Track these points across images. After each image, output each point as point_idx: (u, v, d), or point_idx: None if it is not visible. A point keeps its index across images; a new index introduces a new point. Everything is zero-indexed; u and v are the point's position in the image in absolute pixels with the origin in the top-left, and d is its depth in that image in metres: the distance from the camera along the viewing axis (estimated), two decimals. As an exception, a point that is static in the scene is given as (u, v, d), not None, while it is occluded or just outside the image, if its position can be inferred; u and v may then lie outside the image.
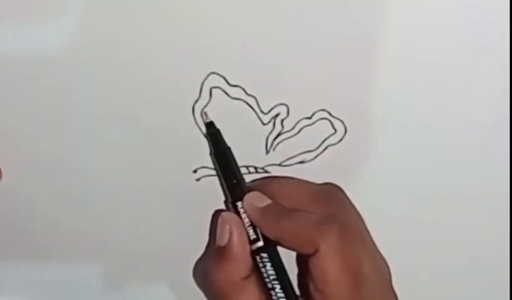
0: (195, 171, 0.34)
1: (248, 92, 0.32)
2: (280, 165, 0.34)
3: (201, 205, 0.35)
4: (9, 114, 0.32)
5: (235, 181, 0.31)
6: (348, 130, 0.33)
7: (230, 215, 0.30)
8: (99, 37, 0.30)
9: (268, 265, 0.29)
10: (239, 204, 0.30)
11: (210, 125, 0.32)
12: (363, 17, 0.29)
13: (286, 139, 0.33)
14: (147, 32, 0.30)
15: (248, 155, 0.33)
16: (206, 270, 0.29)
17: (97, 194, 0.35)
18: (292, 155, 0.34)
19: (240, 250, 0.29)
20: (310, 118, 0.32)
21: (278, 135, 0.33)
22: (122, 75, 0.31)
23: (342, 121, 0.32)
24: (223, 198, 0.35)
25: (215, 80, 0.31)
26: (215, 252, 0.30)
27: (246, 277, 0.29)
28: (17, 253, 0.37)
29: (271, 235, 0.29)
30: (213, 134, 0.32)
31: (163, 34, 0.30)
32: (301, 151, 0.33)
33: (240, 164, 0.34)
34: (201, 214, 0.35)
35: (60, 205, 0.35)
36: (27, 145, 0.33)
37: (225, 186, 0.32)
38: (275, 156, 0.34)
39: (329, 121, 0.32)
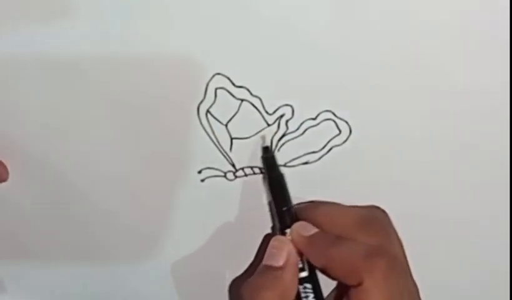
0: (199, 172, 0.34)
1: (253, 93, 0.32)
2: (284, 166, 0.34)
3: (206, 205, 0.35)
4: (10, 114, 0.32)
5: (285, 208, 0.32)
6: (352, 131, 0.33)
7: (287, 239, 0.30)
8: (103, 38, 0.30)
9: (311, 296, 0.30)
10: (288, 231, 0.31)
11: (266, 150, 0.33)
12: (367, 18, 0.30)
13: (290, 139, 0.33)
14: (151, 33, 0.30)
15: (253, 155, 0.33)
16: (257, 288, 0.29)
17: (100, 195, 0.34)
18: (297, 156, 0.34)
19: (294, 273, 0.30)
20: (314, 119, 0.32)
21: (283, 136, 0.33)
22: (126, 75, 0.31)
23: (347, 122, 0.32)
24: (227, 199, 0.35)
25: (220, 81, 0.31)
26: (267, 272, 0.30)
27: None
28: (19, 253, 0.37)
29: (317, 264, 0.30)
30: (268, 159, 0.32)
31: (168, 35, 0.30)
32: (305, 152, 0.33)
33: (245, 164, 0.34)
34: (206, 214, 0.35)
35: (63, 206, 0.35)
36: (30, 146, 0.33)
37: (274, 212, 0.32)
38: (280, 157, 0.34)
39: (334, 122, 0.32)
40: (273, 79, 0.31)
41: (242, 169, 0.34)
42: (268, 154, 0.33)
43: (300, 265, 0.30)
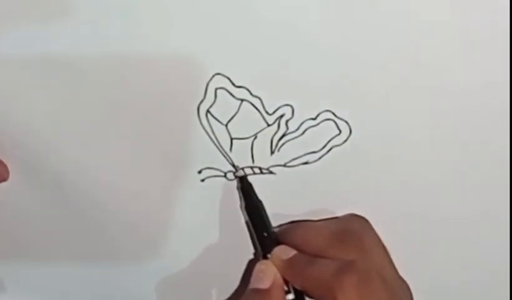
0: (199, 172, 0.34)
1: (253, 93, 0.31)
2: (284, 166, 0.34)
3: (206, 205, 0.35)
4: (11, 114, 0.32)
5: (265, 234, 0.32)
6: (352, 131, 0.33)
7: (271, 263, 0.31)
8: (103, 38, 0.30)
9: None
10: (269, 256, 0.32)
11: (242, 180, 0.33)
12: (367, 18, 0.30)
13: (290, 139, 0.33)
14: (151, 33, 0.30)
15: (252, 155, 0.33)
16: None
17: (100, 195, 0.34)
18: (297, 156, 0.34)
19: (280, 295, 0.30)
20: (314, 119, 0.32)
21: (283, 136, 0.33)
22: (126, 75, 0.31)
23: (347, 122, 0.32)
24: (227, 199, 0.35)
25: (220, 81, 0.31)
26: (255, 295, 0.30)
27: None
28: (19, 253, 0.37)
29: (297, 286, 0.30)
30: (244, 188, 0.33)
31: (168, 35, 0.30)
32: (305, 152, 0.33)
33: (244, 164, 0.34)
34: (206, 214, 0.35)
35: (63, 206, 0.35)
36: (30, 146, 0.33)
37: (255, 239, 0.33)
38: (280, 157, 0.34)
39: (334, 122, 0.32)
40: (273, 79, 0.31)
41: (242, 168, 0.34)
42: (243, 183, 0.33)
43: (286, 289, 0.31)
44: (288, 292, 0.31)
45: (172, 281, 0.38)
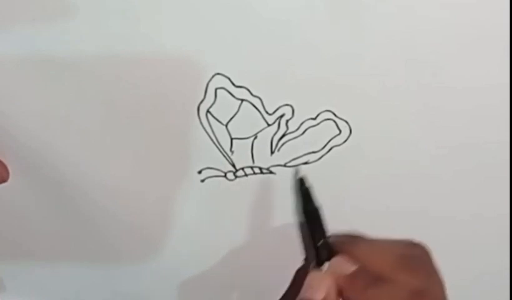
0: (200, 172, 0.34)
1: (253, 93, 0.32)
2: (284, 166, 0.34)
3: (206, 206, 0.35)
4: (11, 114, 0.32)
5: (321, 242, 0.31)
6: (352, 131, 0.33)
7: (325, 274, 0.30)
8: (103, 38, 0.30)
9: None
10: (326, 264, 0.31)
11: (302, 182, 0.32)
12: (367, 18, 0.30)
13: (291, 139, 0.33)
14: (151, 33, 0.30)
15: (253, 155, 0.33)
16: None
17: (100, 195, 0.34)
18: (297, 155, 0.34)
19: None
20: (314, 119, 0.32)
21: (283, 136, 0.33)
22: (126, 75, 0.31)
23: (347, 122, 0.32)
24: (227, 199, 0.35)
25: (220, 81, 0.31)
26: None
27: None
28: (19, 253, 0.37)
29: None
30: (305, 190, 0.32)
31: (168, 35, 0.30)
32: (305, 152, 0.33)
33: (245, 164, 0.34)
34: (207, 214, 0.35)
35: (63, 206, 0.35)
36: (31, 146, 0.33)
37: (310, 245, 0.31)
38: (280, 157, 0.34)
39: (334, 122, 0.32)
40: (273, 79, 0.31)
41: (242, 169, 0.34)
42: (303, 186, 0.32)
43: None
44: None
45: (171, 281, 0.38)
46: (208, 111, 0.32)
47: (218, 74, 0.31)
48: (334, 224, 0.32)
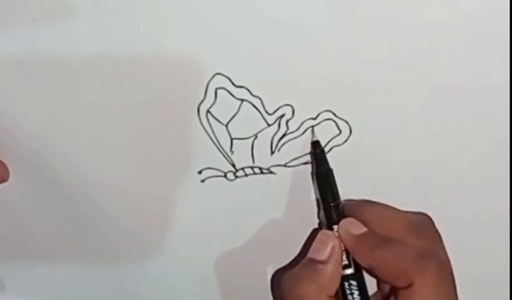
0: (200, 172, 0.34)
1: (253, 93, 0.31)
2: (285, 166, 0.34)
3: (206, 206, 0.35)
4: (11, 114, 0.32)
5: (332, 204, 0.32)
6: (353, 131, 0.33)
7: (333, 234, 0.31)
8: (102, 38, 0.30)
9: (356, 293, 0.30)
10: (335, 227, 0.31)
11: (316, 145, 0.32)
12: (367, 18, 0.30)
13: (291, 139, 0.33)
14: (151, 33, 0.30)
15: (253, 155, 0.33)
16: (297, 279, 0.30)
17: (100, 195, 0.34)
18: (297, 156, 0.34)
19: (336, 268, 0.30)
20: (315, 119, 0.32)
21: (283, 136, 0.33)
22: (126, 75, 0.31)
23: (347, 122, 0.32)
24: (227, 199, 0.35)
25: (220, 81, 0.31)
26: (309, 265, 0.30)
27: (330, 298, 0.30)
28: (19, 253, 0.37)
29: (364, 264, 0.30)
30: (317, 154, 0.32)
31: (168, 35, 0.30)
32: (306, 152, 0.33)
33: (245, 164, 0.34)
34: (207, 214, 0.35)
35: (63, 206, 0.35)
36: (31, 146, 0.33)
37: (321, 207, 0.32)
38: (280, 157, 0.34)
39: (334, 122, 0.32)
40: (273, 79, 0.31)
41: (242, 169, 0.34)
42: (317, 148, 0.32)
43: (346, 262, 0.31)
44: (347, 266, 0.31)
45: (171, 281, 0.38)
46: (208, 111, 0.32)
47: (218, 74, 0.31)
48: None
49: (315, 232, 0.33)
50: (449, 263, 0.30)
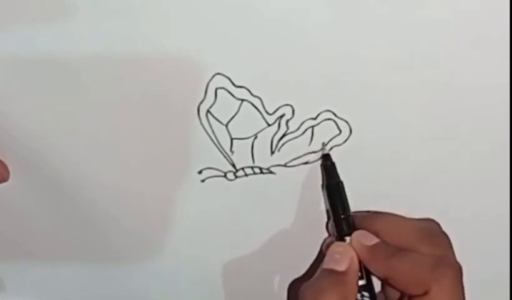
0: (200, 172, 0.34)
1: (253, 93, 0.31)
2: (285, 166, 0.34)
3: (206, 206, 0.35)
4: (11, 114, 0.32)
5: (343, 216, 0.32)
6: (353, 131, 0.33)
7: (350, 245, 0.31)
8: (102, 38, 0.30)
9: None
10: (347, 239, 0.31)
11: (326, 158, 0.33)
12: (366, 18, 0.30)
13: (291, 139, 0.33)
14: (151, 33, 0.30)
15: (253, 155, 0.33)
16: (319, 291, 0.30)
17: (100, 195, 0.34)
18: (297, 156, 0.34)
19: (355, 279, 0.30)
20: (315, 119, 0.32)
21: (283, 136, 0.33)
22: (126, 75, 0.31)
23: (347, 122, 0.32)
24: (227, 199, 0.35)
25: (220, 81, 0.31)
26: (330, 275, 0.30)
27: None
28: (19, 253, 0.37)
29: (379, 274, 0.30)
30: (328, 166, 0.33)
31: (168, 35, 0.30)
32: (306, 152, 0.33)
33: (245, 164, 0.34)
34: (207, 214, 0.35)
35: (63, 206, 0.35)
36: (31, 146, 0.33)
37: (332, 219, 0.33)
38: (280, 157, 0.34)
39: (334, 122, 0.32)
40: (273, 79, 0.31)
41: (242, 169, 0.34)
42: (327, 161, 0.33)
43: (359, 274, 0.31)
44: (360, 277, 0.31)
45: (171, 281, 0.38)
46: (208, 111, 0.32)
47: (218, 74, 0.31)
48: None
49: (328, 243, 0.33)
50: (461, 268, 0.30)
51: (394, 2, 0.29)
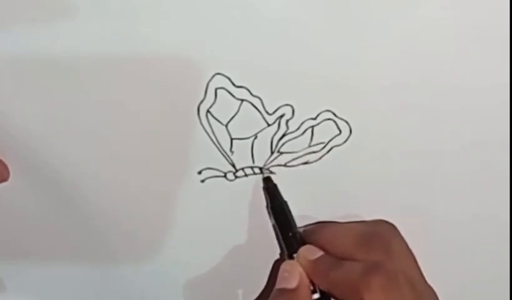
0: (199, 172, 0.34)
1: (253, 93, 0.32)
2: (284, 166, 0.34)
3: (206, 206, 0.35)
4: (11, 114, 0.32)
5: (290, 234, 0.32)
6: (353, 131, 0.33)
7: (296, 262, 0.31)
8: (102, 38, 0.30)
9: None
10: (295, 256, 0.32)
11: (267, 181, 0.33)
12: (366, 18, 0.30)
13: (291, 139, 0.33)
14: (151, 33, 0.30)
15: (253, 155, 0.33)
16: None
17: (100, 195, 0.34)
18: (297, 156, 0.34)
19: (307, 294, 0.30)
20: (314, 119, 0.32)
21: (283, 136, 0.33)
22: (125, 75, 0.31)
23: (347, 122, 0.32)
24: (227, 199, 0.35)
25: (220, 81, 0.31)
26: (281, 295, 0.30)
27: None
28: (21, 253, 0.37)
29: (323, 287, 0.30)
30: (270, 188, 0.33)
31: (168, 35, 0.30)
32: (306, 152, 0.33)
33: (245, 164, 0.34)
34: (207, 215, 0.35)
35: (64, 206, 0.35)
36: (31, 146, 0.33)
37: (281, 239, 0.33)
38: (280, 157, 0.34)
39: (334, 122, 0.32)
40: (273, 79, 0.31)
41: (242, 169, 0.34)
42: (268, 184, 0.33)
43: (312, 288, 0.31)
44: (314, 291, 0.31)
45: (171, 281, 0.38)
46: (208, 111, 0.32)
47: (218, 74, 0.31)
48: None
49: (277, 264, 0.34)
50: (406, 272, 0.29)
51: (394, 2, 0.29)
